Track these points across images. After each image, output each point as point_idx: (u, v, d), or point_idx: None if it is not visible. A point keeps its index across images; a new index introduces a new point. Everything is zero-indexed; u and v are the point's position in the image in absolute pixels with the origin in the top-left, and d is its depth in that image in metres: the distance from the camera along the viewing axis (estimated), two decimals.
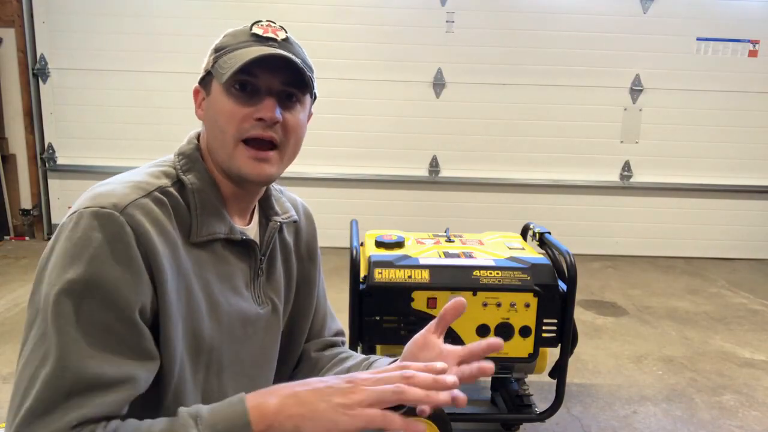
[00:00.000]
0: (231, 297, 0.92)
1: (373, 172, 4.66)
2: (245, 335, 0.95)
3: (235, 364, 0.95)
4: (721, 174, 4.73)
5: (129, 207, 0.78)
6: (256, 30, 0.88)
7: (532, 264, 1.89)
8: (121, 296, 0.75)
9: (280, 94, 0.87)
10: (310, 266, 1.12)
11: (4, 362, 2.64)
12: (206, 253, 0.88)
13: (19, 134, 4.63)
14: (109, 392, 0.74)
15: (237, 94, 0.85)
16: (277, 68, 0.85)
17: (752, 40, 4.55)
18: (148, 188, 0.83)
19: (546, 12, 4.49)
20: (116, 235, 0.76)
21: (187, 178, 0.88)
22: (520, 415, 2.10)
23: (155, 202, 0.82)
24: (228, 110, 0.85)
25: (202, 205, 0.88)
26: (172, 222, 0.84)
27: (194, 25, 4.43)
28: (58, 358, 0.73)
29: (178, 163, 0.90)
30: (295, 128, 0.89)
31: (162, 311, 0.80)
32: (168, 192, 0.85)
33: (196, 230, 0.87)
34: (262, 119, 0.85)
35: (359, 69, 4.51)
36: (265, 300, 0.99)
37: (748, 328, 3.34)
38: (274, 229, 1.00)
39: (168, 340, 0.81)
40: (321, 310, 1.16)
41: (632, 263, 4.61)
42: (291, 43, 0.90)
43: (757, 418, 2.37)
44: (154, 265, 0.78)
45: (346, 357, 1.08)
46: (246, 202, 0.96)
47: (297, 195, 1.14)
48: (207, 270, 0.88)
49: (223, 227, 0.90)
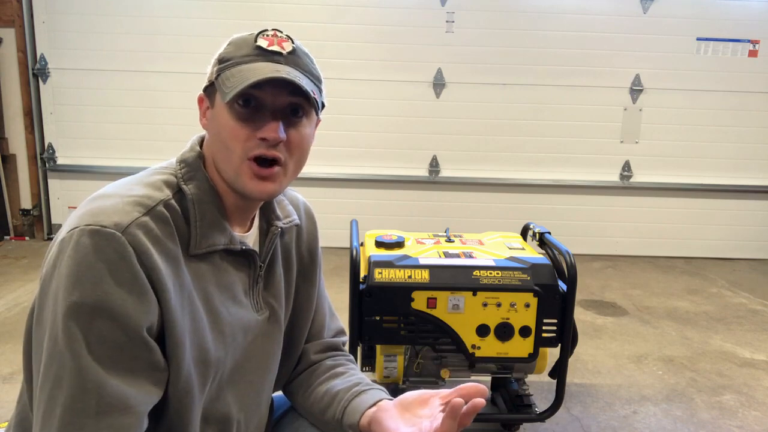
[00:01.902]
0: (231, 306, 0.92)
1: (373, 172, 4.66)
2: (246, 343, 0.95)
3: (237, 372, 0.95)
4: (721, 174, 4.73)
5: (130, 227, 0.77)
6: (261, 42, 0.85)
7: (532, 264, 1.89)
8: (129, 316, 0.75)
9: (285, 110, 0.86)
10: (310, 266, 1.11)
11: (4, 362, 2.64)
12: (205, 264, 0.88)
13: (19, 134, 4.63)
14: (130, 413, 0.76)
15: (240, 111, 0.84)
16: (283, 85, 0.83)
17: (752, 40, 4.55)
18: (150, 203, 0.82)
19: (546, 12, 4.49)
20: (119, 255, 0.75)
21: (188, 188, 0.87)
22: (520, 415, 2.10)
23: (156, 219, 0.81)
24: (232, 128, 0.84)
25: (201, 217, 0.87)
26: (173, 238, 0.83)
27: (194, 25, 4.43)
28: (76, 383, 0.73)
29: (180, 171, 0.89)
30: (299, 144, 0.88)
31: (168, 328, 0.80)
32: (169, 205, 0.84)
33: (196, 242, 0.86)
34: (266, 139, 0.83)
35: (359, 69, 4.51)
36: (263, 306, 0.99)
37: (748, 328, 3.34)
38: (274, 235, 0.99)
39: (174, 356, 0.81)
40: (321, 310, 1.15)
41: (632, 263, 4.61)
42: (298, 56, 0.87)
43: (757, 418, 2.37)
44: (157, 284, 0.78)
45: (340, 373, 1.07)
46: (248, 212, 0.95)
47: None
48: (207, 281, 0.88)
49: (223, 238, 0.89)
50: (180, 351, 0.82)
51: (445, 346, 1.88)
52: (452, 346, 1.87)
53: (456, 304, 1.84)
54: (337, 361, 1.12)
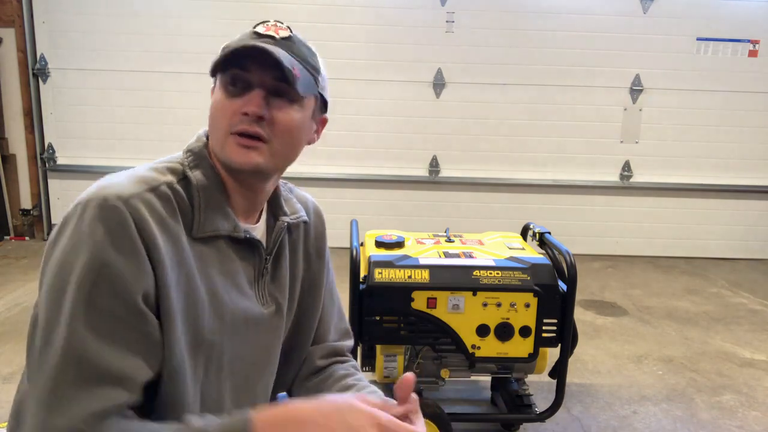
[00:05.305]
0: (235, 295, 0.92)
1: (373, 172, 4.66)
2: (247, 334, 0.95)
3: (235, 363, 0.94)
4: (721, 174, 4.73)
5: (132, 199, 0.80)
6: (258, 28, 0.89)
7: (532, 264, 1.89)
8: (126, 282, 0.76)
9: (272, 90, 0.87)
10: (318, 266, 1.11)
11: (4, 362, 2.64)
12: (210, 249, 0.89)
13: (19, 134, 4.64)
14: (122, 385, 0.76)
15: (230, 90, 0.87)
16: (269, 65, 0.85)
17: (752, 40, 4.55)
18: (154, 183, 0.84)
19: (546, 12, 4.49)
20: (119, 224, 0.77)
21: (193, 175, 0.89)
22: (520, 415, 2.10)
23: (159, 197, 0.83)
24: (220, 104, 0.87)
25: (206, 202, 0.88)
26: (175, 217, 0.84)
27: (194, 24, 4.43)
28: (68, 350, 0.74)
29: (186, 160, 0.91)
30: (284, 125, 0.88)
31: (161, 302, 0.81)
32: (173, 188, 0.86)
33: (199, 225, 0.87)
34: (247, 114, 0.85)
35: (359, 69, 4.51)
36: (269, 300, 0.99)
37: (748, 328, 3.34)
38: (281, 229, 0.99)
39: (167, 333, 0.81)
40: (328, 311, 1.15)
41: (632, 263, 4.61)
42: (293, 42, 0.89)
43: (757, 418, 2.37)
44: (153, 255, 0.79)
45: (351, 385, 1.07)
46: (251, 201, 0.95)
47: None
48: (210, 266, 0.89)
49: (227, 224, 0.90)
50: (172, 327, 0.82)
51: (445, 346, 1.88)
52: (452, 346, 1.87)
53: (456, 304, 1.84)
54: (346, 370, 1.11)
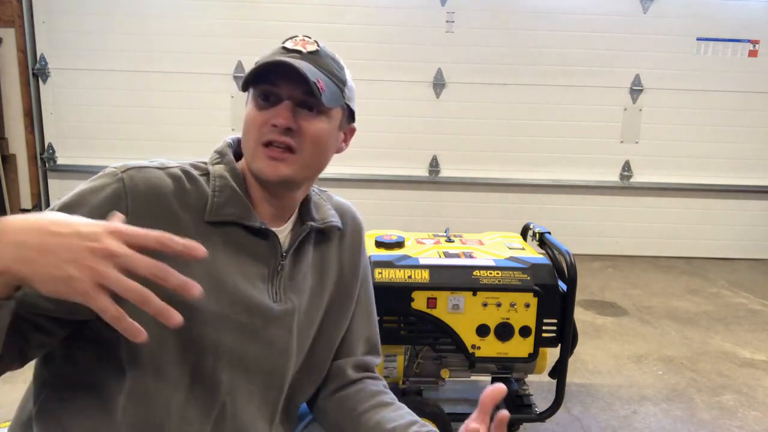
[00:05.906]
0: (240, 281, 0.91)
1: (373, 172, 4.66)
2: (252, 325, 0.93)
3: (234, 354, 0.92)
4: (721, 174, 4.73)
5: (132, 170, 0.87)
6: (287, 44, 0.93)
7: (532, 264, 1.89)
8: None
9: (300, 102, 0.90)
10: (350, 279, 1.10)
11: None
12: (219, 234, 0.91)
13: (19, 134, 4.63)
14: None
15: (260, 103, 0.91)
16: (296, 79, 0.88)
17: (752, 40, 4.55)
18: (167, 165, 0.90)
19: (546, 12, 4.49)
20: (106, 185, 0.85)
21: (214, 168, 0.94)
22: (520, 415, 2.10)
23: (168, 175, 0.89)
24: (251, 116, 0.92)
25: (221, 189, 0.92)
26: (181, 194, 0.88)
27: (194, 25, 4.43)
28: None
29: (211, 159, 0.97)
30: (312, 137, 0.91)
31: None
32: (188, 174, 0.91)
33: (211, 209, 0.90)
34: (276, 126, 0.89)
35: (359, 69, 4.45)
36: (284, 299, 0.97)
37: (748, 328, 3.34)
38: (302, 231, 1.00)
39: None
40: (360, 326, 1.13)
41: (632, 263, 4.61)
42: (319, 56, 0.93)
43: (757, 418, 2.37)
44: (132, 220, 0.74)
45: (387, 403, 1.06)
46: (277, 208, 0.97)
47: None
48: (215, 249, 0.89)
49: (238, 210, 0.92)
50: None
51: (445, 346, 1.88)
52: (452, 346, 1.87)
53: (456, 304, 1.84)
54: (377, 387, 1.11)
